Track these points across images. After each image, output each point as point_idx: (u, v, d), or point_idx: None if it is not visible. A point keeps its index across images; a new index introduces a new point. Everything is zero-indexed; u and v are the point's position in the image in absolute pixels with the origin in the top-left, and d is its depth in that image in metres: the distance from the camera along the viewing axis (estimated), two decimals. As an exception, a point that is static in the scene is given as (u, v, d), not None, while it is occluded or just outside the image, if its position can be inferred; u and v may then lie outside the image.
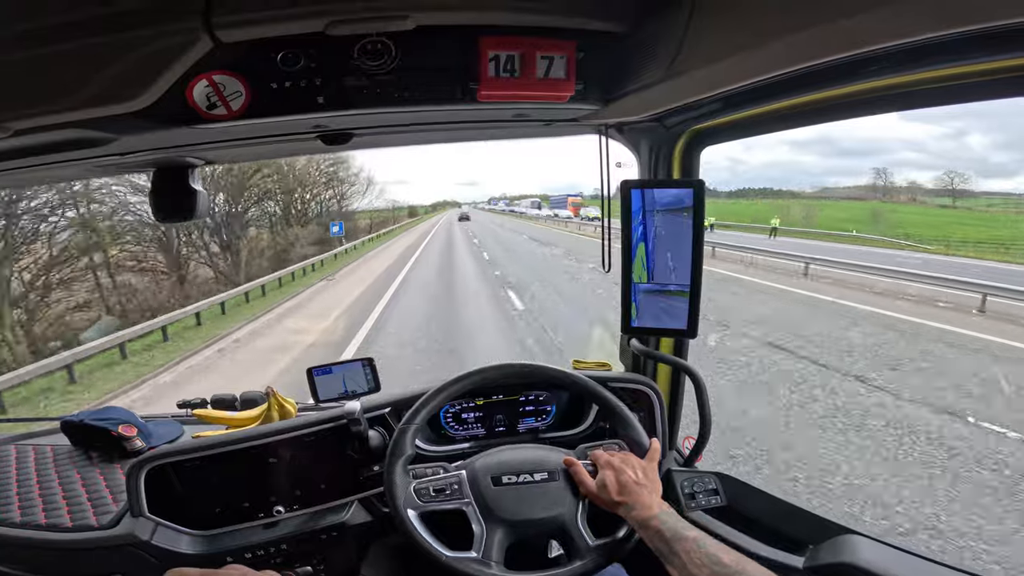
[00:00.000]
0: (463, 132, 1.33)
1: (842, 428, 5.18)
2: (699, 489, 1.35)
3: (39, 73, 0.78)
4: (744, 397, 5.87)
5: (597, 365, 1.56)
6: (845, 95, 0.92)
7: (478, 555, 1.07)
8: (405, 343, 8.67)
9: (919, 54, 0.69)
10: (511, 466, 1.18)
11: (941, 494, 4.06)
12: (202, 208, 1.31)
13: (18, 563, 1.30)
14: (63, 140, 0.94)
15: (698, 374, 1.34)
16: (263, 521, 1.30)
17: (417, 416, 1.22)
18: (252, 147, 1.21)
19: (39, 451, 1.54)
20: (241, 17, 0.76)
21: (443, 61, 0.92)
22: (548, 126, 1.29)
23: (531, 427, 1.49)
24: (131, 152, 1.11)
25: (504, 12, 0.86)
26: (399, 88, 0.92)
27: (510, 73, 0.91)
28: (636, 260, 1.33)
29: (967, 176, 55.26)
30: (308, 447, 1.33)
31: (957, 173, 47.45)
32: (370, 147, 1.32)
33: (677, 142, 1.34)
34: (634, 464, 1.13)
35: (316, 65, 0.88)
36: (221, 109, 0.88)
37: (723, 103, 1.06)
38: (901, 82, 0.82)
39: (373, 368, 1.47)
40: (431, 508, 1.14)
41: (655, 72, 0.88)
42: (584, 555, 1.09)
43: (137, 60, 0.77)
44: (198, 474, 1.28)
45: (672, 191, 1.26)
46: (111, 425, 1.49)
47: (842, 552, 1.03)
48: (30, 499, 1.35)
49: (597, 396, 1.28)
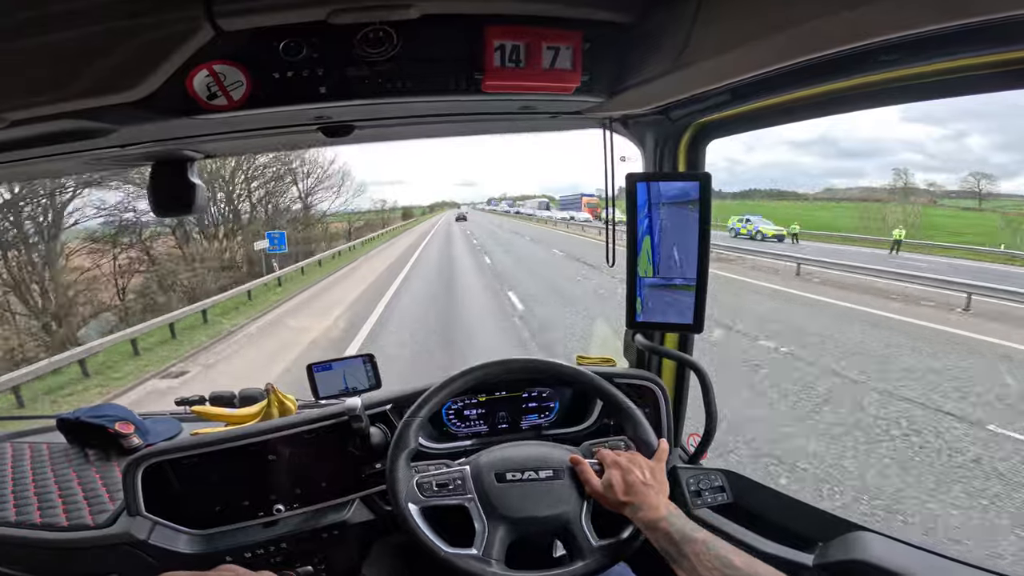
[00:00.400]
0: (467, 125, 1.33)
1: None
2: (705, 486, 1.35)
3: (37, 63, 0.77)
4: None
5: (601, 360, 1.55)
6: (851, 87, 0.91)
7: (479, 552, 1.06)
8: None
9: (923, 46, 0.69)
10: (515, 463, 1.17)
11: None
12: (201, 201, 1.29)
13: (13, 563, 1.28)
14: (60, 131, 0.93)
15: (704, 370, 1.33)
16: (263, 520, 1.28)
17: (421, 410, 1.20)
18: (252, 139, 1.20)
19: (35, 449, 1.53)
20: (244, 5, 0.75)
21: (447, 51, 0.91)
22: (553, 119, 1.28)
23: (534, 424, 1.48)
24: (129, 144, 1.09)
25: (510, 1, 0.85)
26: (402, 78, 0.92)
27: (515, 63, 0.91)
28: (641, 254, 1.32)
29: (993, 178, 53.09)
30: (308, 444, 1.31)
31: (983, 175, 44.90)
32: (372, 140, 1.31)
33: (683, 135, 1.33)
34: (641, 464, 1.12)
35: (318, 55, 0.87)
36: (222, 99, 0.87)
37: (730, 95, 1.05)
38: (906, 74, 0.82)
39: (374, 364, 1.45)
40: (433, 503, 1.13)
41: (661, 63, 0.87)
42: (587, 555, 1.08)
43: (137, 49, 0.76)
44: (196, 472, 1.27)
45: (678, 184, 1.26)
46: (107, 422, 1.47)
47: (853, 549, 1.02)
48: (25, 498, 1.33)
49: (605, 393, 1.26)
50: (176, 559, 1.22)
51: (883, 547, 1.01)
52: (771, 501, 1.29)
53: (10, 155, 1.05)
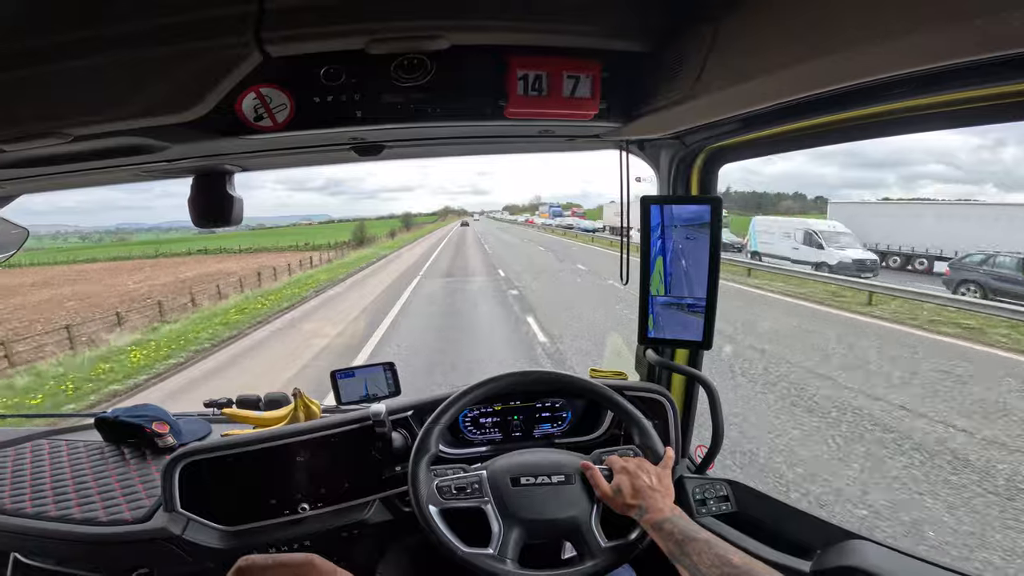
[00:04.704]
0: (489, 146, 1.38)
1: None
2: (710, 495, 1.38)
3: (98, 82, 0.82)
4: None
5: (613, 374, 1.59)
6: (863, 116, 0.94)
7: (494, 552, 1.10)
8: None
9: (935, 80, 0.72)
10: (530, 468, 1.22)
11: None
12: (237, 213, 1.35)
13: (47, 555, 1.34)
14: (117, 147, 0.99)
15: (712, 385, 1.36)
16: (289, 518, 1.34)
17: (442, 417, 1.26)
18: (289, 156, 1.26)
19: (72, 446, 1.59)
20: (290, 32, 0.80)
21: (474, 79, 0.97)
22: (570, 142, 1.33)
23: (547, 432, 1.53)
24: (177, 159, 1.16)
25: (534, 33, 0.90)
26: (432, 103, 0.98)
27: (538, 91, 0.96)
28: (654, 273, 1.37)
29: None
30: (333, 447, 1.37)
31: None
32: (400, 158, 1.37)
33: (696, 159, 1.37)
34: (648, 470, 1.17)
35: (356, 80, 0.94)
36: (267, 121, 0.93)
37: (743, 123, 1.09)
38: (920, 104, 0.84)
39: (394, 372, 1.52)
40: (451, 505, 1.17)
41: (677, 92, 0.91)
42: (596, 555, 1.12)
43: (191, 71, 0.81)
44: (228, 471, 1.32)
45: (690, 207, 1.31)
46: (145, 422, 1.54)
47: (849, 556, 1.05)
48: (64, 493, 1.39)
49: (614, 403, 1.31)
50: (207, 554, 1.27)
51: (878, 555, 1.03)
52: (773, 510, 1.32)
53: (70, 167, 1.11)
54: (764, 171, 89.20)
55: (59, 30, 0.79)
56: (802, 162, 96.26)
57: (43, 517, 1.33)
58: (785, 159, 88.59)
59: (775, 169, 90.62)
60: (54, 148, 0.93)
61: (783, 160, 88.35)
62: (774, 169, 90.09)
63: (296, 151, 1.21)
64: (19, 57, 0.79)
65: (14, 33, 0.79)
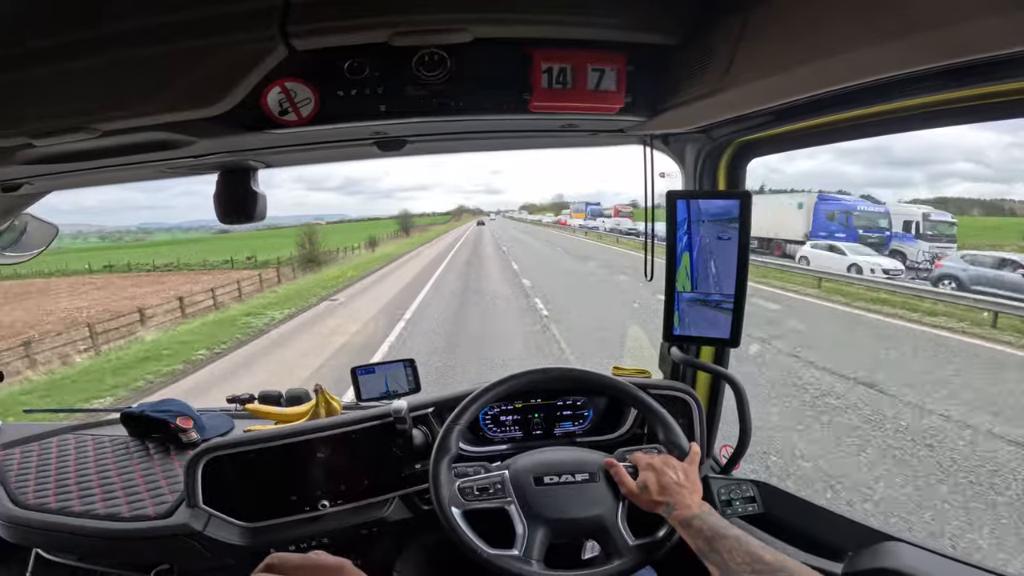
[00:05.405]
0: (512, 141, 1.37)
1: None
2: (736, 496, 1.36)
3: (126, 76, 0.83)
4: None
5: (636, 372, 1.57)
6: (895, 110, 0.92)
7: (519, 553, 1.09)
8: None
9: (969, 72, 0.70)
10: (553, 466, 1.20)
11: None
12: (261, 209, 1.36)
13: (69, 550, 1.36)
14: (144, 142, 1.00)
15: (740, 383, 1.34)
16: (309, 515, 1.34)
17: (463, 416, 1.24)
18: (312, 151, 1.26)
19: (97, 440, 1.61)
20: (314, 26, 0.80)
21: (497, 72, 0.96)
22: (594, 136, 1.31)
23: (568, 431, 1.51)
24: (203, 155, 1.16)
25: (558, 26, 0.89)
26: (456, 97, 0.97)
27: (562, 85, 0.95)
28: (680, 269, 1.34)
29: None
30: (354, 443, 1.37)
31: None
32: (423, 153, 1.37)
33: (723, 153, 1.35)
34: (675, 466, 1.15)
35: (379, 74, 0.93)
36: (292, 115, 0.93)
37: (772, 116, 1.07)
38: (953, 97, 0.82)
39: (414, 369, 1.51)
40: (474, 507, 1.16)
41: (704, 85, 0.89)
42: (624, 554, 1.10)
43: (218, 66, 0.81)
44: (250, 467, 1.32)
45: (718, 202, 1.28)
46: (170, 417, 1.55)
47: (883, 558, 1.02)
48: (88, 489, 1.40)
49: (638, 400, 1.29)
50: (227, 550, 1.28)
51: (914, 557, 1.00)
52: (802, 512, 1.30)
53: (99, 162, 1.12)
54: (786, 169, 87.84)
55: (88, 25, 0.79)
56: (826, 160, 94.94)
57: (66, 512, 1.33)
58: (809, 157, 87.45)
59: (796, 168, 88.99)
60: (82, 144, 0.94)
61: (806, 158, 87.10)
62: (796, 168, 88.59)
63: (319, 146, 1.21)
64: (48, 52, 0.80)
65: (43, 29, 0.80)
